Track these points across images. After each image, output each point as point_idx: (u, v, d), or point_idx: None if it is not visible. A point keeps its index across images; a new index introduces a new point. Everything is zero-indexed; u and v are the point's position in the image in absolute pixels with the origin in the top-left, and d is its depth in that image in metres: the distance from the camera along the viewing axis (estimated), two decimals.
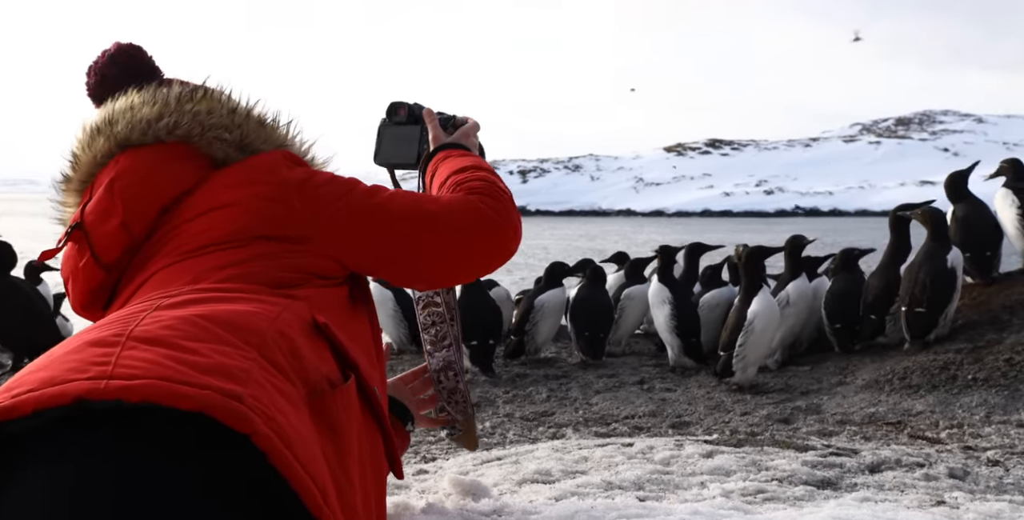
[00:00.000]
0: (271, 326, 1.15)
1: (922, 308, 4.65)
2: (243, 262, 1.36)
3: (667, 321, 5.17)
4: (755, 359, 4.62)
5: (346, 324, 1.40)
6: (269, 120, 1.61)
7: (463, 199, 1.54)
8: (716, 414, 4.26)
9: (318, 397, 1.13)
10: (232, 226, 1.41)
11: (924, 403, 4.08)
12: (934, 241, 4.73)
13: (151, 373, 0.94)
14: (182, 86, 1.58)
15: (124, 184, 1.47)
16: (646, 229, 53.94)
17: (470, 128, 1.86)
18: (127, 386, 0.91)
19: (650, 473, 2.96)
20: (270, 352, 1.10)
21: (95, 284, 1.48)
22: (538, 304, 5.42)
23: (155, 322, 1.08)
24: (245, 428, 0.93)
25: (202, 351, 1.02)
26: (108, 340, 1.02)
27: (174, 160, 1.50)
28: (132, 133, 1.50)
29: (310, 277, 1.40)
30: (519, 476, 3.00)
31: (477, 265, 1.57)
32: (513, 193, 1.61)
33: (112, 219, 1.46)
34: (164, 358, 0.98)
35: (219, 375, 0.98)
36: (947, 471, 2.98)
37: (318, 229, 1.44)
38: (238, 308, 1.18)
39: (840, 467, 3.01)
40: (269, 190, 1.45)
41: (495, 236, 1.54)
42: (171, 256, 1.40)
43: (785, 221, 74.51)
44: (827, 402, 4.31)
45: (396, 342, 5.71)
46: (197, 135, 1.52)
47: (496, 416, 4.42)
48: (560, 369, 5.33)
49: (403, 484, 3.17)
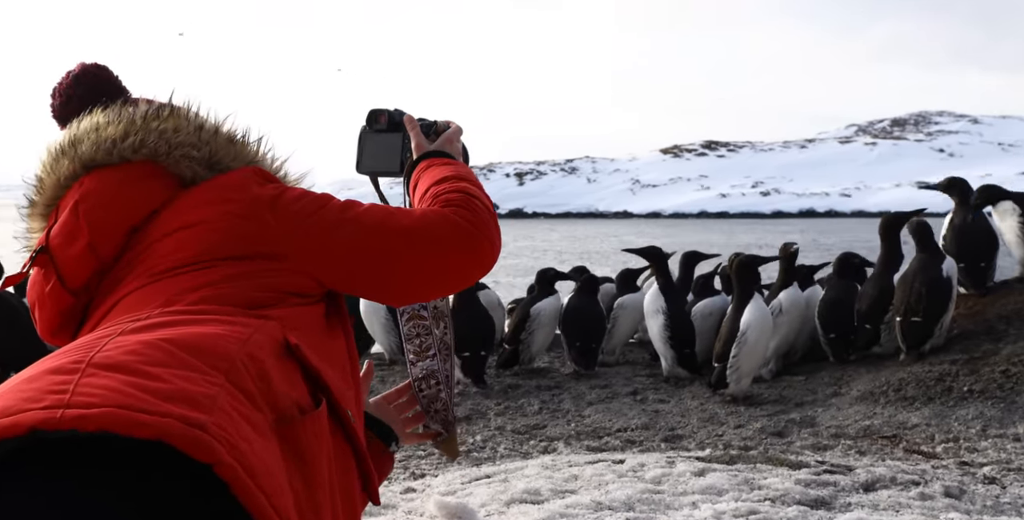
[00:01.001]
0: (241, 349, 1.11)
1: (918, 318, 4.60)
2: (215, 283, 1.32)
3: (661, 331, 5.12)
4: (749, 370, 4.58)
5: (321, 344, 1.35)
6: (239, 137, 1.56)
7: (437, 212, 1.50)
8: (709, 427, 4.21)
9: (287, 424, 1.09)
10: (201, 246, 1.37)
11: (920, 416, 4.03)
12: (925, 251, 4.68)
13: (109, 401, 0.90)
14: (148, 104, 1.53)
15: (89, 206, 1.42)
16: (644, 231, 53.99)
17: (453, 133, 1.81)
18: (83, 415, 0.88)
19: (641, 492, 2.91)
20: (238, 377, 1.06)
21: (63, 309, 1.43)
22: (534, 313, 5.37)
23: (117, 348, 1.04)
24: (207, 457, 0.90)
25: (165, 377, 0.98)
26: (67, 368, 0.98)
27: (141, 180, 1.45)
28: (97, 153, 1.45)
29: (285, 296, 1.35)
30: (507, 496, 2.95)
31: (452, 279, 1.53)
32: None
33: (78, 242, 1.41)
34: (124, 385, 0.94)
35: (182, 402, 0.94)
36: (943, 490, 2.93)
37: (292, 246, 1.39)
38: (206, 331, 1.14)
39: (834, 486, 2.97)
40: (240, 208, 1.41)
41: (471, 249, 1.50)
42: (141, 278, 1.36)
43: (782, 222, 74.62)
44: (822, 414, 4.26)
45: (387, 351, 5.66)
46: (164, 153, 1.46)
47: (487, 429, 4.37)
48: (553, 380, 5.28)
49: (390, 504, 3.12)
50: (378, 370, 5.49)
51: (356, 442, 1.29)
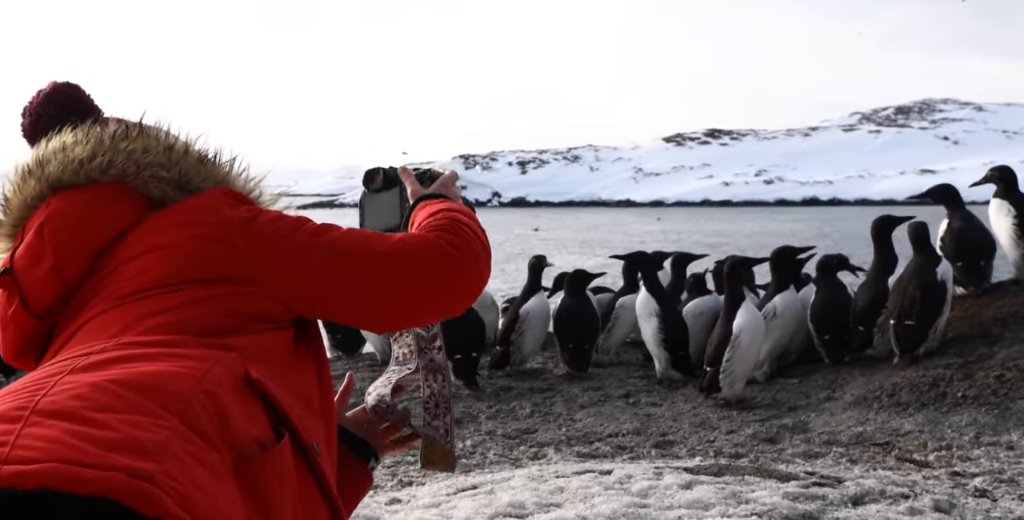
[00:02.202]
0: (196, 387, 1.08)
1: (912, 321, 4.56)
2: (177, 308, 1.28)
3: (655, 334, 5.08)
4: (742, 374, 4.54)
5: (287, 374, 1.31)
6: (209, 156, 1.52)
7: (419, 236, 1.46)
8: (701, 432, 4.17)
9: (246, 462, 1.06)
10: (168, 269, 1.33)
11: (913, 422, 3.99)
12: (921, 254, 4.64)
13: (50, 455, 0.88)
14: (118, 124, 1.49)
15: (55, 227, 1.39)
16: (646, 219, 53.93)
17: (448, 178, 1.78)
18: (21, 472, 0.85)
19: (626, 506, 2.87)
20: (193, 417, 1.03)
21: (27, 332, 1.40)
22: (523, 314, 5.33)
23: (63, 391, 1.01)
24: (154, 511, 0.87)
25: (112, 424, 0.95)
26: (10, 415, 0.96)
27: (109, 201, 1.42)
28: (64, 174, 1.42)
29: (248, 321, 1.31)
30: (492, 509, 2.92)
31: (434, 305, 1.47)
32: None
33: (43, 264, 1.38)
34: (67, 435, 0.92)
35: (128, 452, 0.92)
36: (932, 504, 2.89)
37: (263, 270, 1.35)
38: (160, 368, 1.10)
39: (822, 499, 2.93)
40: (210, 231, 1.37)
41: (453, 274, 1.45)
42: (106, 302, 1.33)
43: (785, 210, 74.54)
44: (815, 420, 4.23)
45: (380, 353, 5.63)
46: (132, 174, 1.43)
47: (478, 433, 4.33)
48: (545, 381, 5.24)
49: (374, 516, 3.09)
50: (370, 370, 5.46)
51: (321, 477, 1.25)
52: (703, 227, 41.96)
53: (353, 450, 1.73)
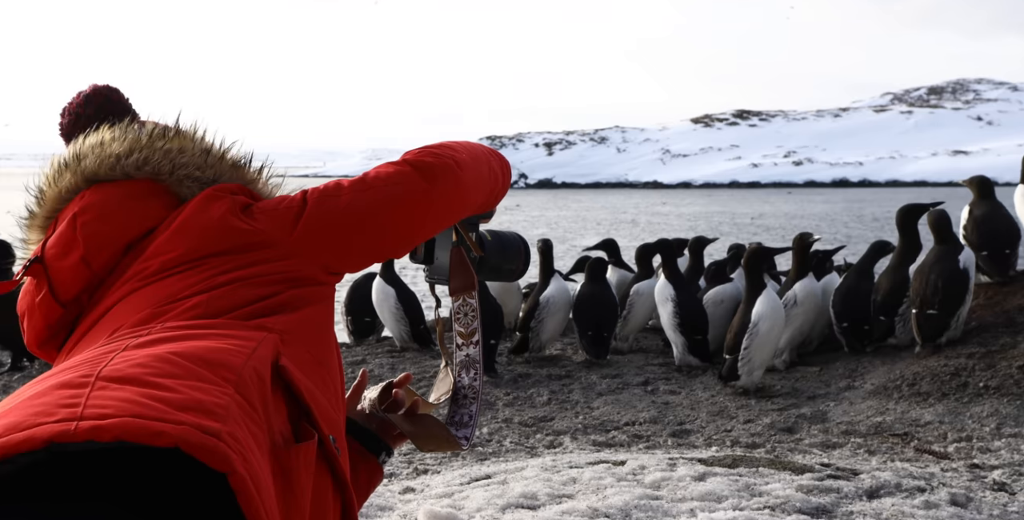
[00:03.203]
0: (247, 362, 1.12)
1: (933, 310, 4.50)
2: (206, 286, 1.31)
3: (671, 319, 5.06)
4: (761, 362, 4.51)
5: (321, 359, 1.34)
6: (242, 162, 1.58)
7: (388, 170, 1.48)
8: (718, 421, 4.15)
9: (281, 449, 1.09)
10: (189, 243, 1.37)
11: (933, 412, 3.95)
12: (943, 243, 4.57)
13: (124, 411, 0.90)
14: (155, 125, 1.54)
15: (87, 219, 1.43)
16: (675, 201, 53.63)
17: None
18: (99, 426, 0.88)
19: (639, 498, 2.86)
20: (246, 390, 1.07)
21: (52, 321, 1.43)
22: (543, 301, 5.33)
23: (125, 361, 1.05)
24: (222, 466, 0.89)
25: (177, 388, 0.98)
26: (76, 382, 0.99)
27: (141, 197, 1.46)
28: (100, 168, 1.47)
29: (285, 286, 1.35)
30: (504, 500, 2.92)
31: (423, 219, 1.48)
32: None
33: (72, 254, 1.41)
34: (137, 396, 0.94)
35: (196, 411, 0.95)
36: (949, 497, 2.85)
37: (280, 231, 1.39)
38: (213, 344, 1.14)
39: (837, 492, 2.90)
40: (224, 205, 1.42)
41: (427, 187, 1.46)
42: (131, 283, 1.36)
43: (814, 192, 73.82)
44: (833, 409, 4.19)
45: (398, 339, 5.65)
46: (167, 173, 1.48)
47: (495, 421, 4.34)
48: (564, 368, 5.24)
49: (387, 505, 3.10)
50: (388, 357, 5.49)
51: (337, 469, 1.26)
52: (732, 209, 41.68)
53: (364, 444, 1.74)
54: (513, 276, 1.83)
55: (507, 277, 1.83)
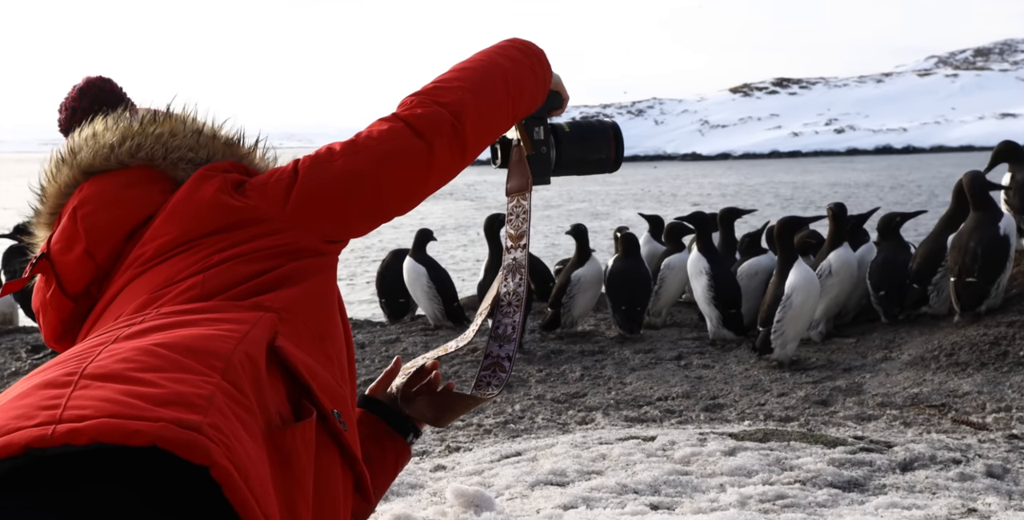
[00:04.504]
0: (237, 347, 1.12)
1: (973, 278, 4.41)
2: (202, 267, 1.31)
3: (705, 292, 5.01)
4: (794, 334, 4.45)
5: (323, 334, 1.34)
6: (235, 138, 1.56)
7: (382, 129, 1.44)
8: (752, 395, 4.11)
9: (275, 430, 1.09)
10: (183, 224, 1.37)
11: (971, 383, 3.88)
12: (981, 209, 4.45)
13: (101, 411, 0.91)
14: (147, 112, 1.54)
15: (87, 211, 1.44)
16: (716, 172, 53.11)
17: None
18: (74, 429, 0.89)
19: (668, 474, 2.85)
20: (235, 376, 1.07)
21: (65, 316, 1.45)
22: (574, 278, 5.30)
23: (110, 356, 1.05)
24: (202, 459, 0.90)
25: (159, 382, 0.99)
26: (59, 381, 1.00)
27: (138, 184, 1.46)
28: (95, 159, 1.47)
29: (284, 258, 1.35)
30: (533, 477, 2.92)
31: (423, 178, 1.46)
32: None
33: (76, 247, 1.42)
34: (117, 393, 0.95)
35: (176, 405, 0.95)
36: (985, 469, 2.80)
37: (273, 205, 1.38)
38: (201, 332, 1.14)
39: (869, 465, 2.86)
40: (217, 183, 1.42)
41: (422, 153, 1.43)
42: (131, 270, 1.37)
43: (856, 159, 72.67)
44: (869, 381, 4.13)
45: (431, 318, 5.66)
46: (160, 157, 1.47)
47: (527, 398, 4.34)
48: (597, 344, 5.22)
49: (417, 483, 3.12)
50: (422, 335, 5.50)
51: (344, 444, 1.26)
52: (773, 179, 41.18)
53: (392, 425, 1.74)
54: (605, 166, 1.74)
55: (597, 168, 1.74)
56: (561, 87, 1.69)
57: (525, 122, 1.66)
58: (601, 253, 5.91)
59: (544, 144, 1.66)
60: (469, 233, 18.09)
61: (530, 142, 1.66)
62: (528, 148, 1.65)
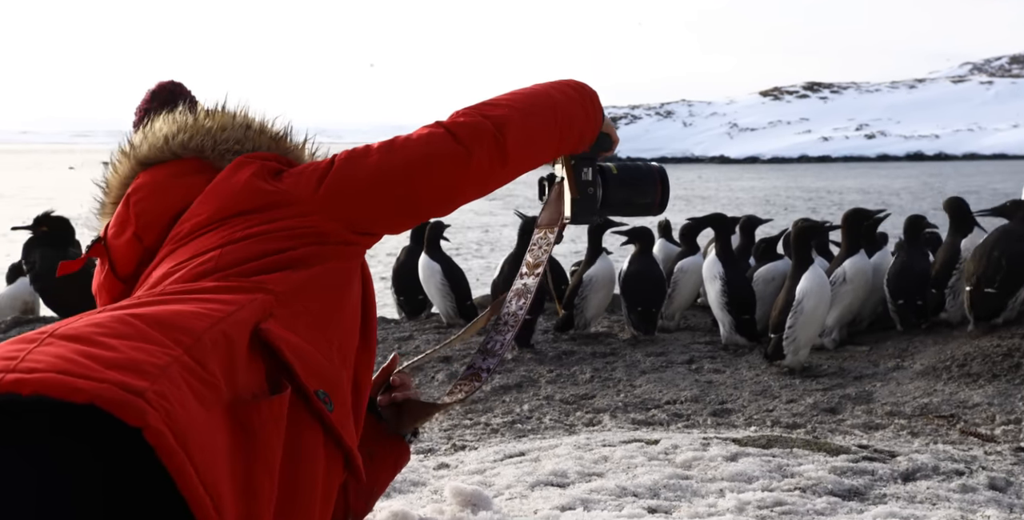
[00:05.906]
0: (214, 326, 1.16)
1: (991, 289, 4.37)
2: (224, 243, 1.39)
3: (718, 297, 5.00)
4: (806, 341, 4.43)
5: (324, 320, 1.37)
6: (281, 133, 1.67)
7: (425, 133, 1.52)
8: (761, 401, 4.10)
9: (243, 405, 1.13)
10: (216, 204, 1.46)
11: (982, 394, 3.84)
12: (1016, 221, 4.39)
13: (52, 367, 0.96)
14: (204, 108, 1.67)
15: (139, 197, 1.56)
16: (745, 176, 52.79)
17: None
18: (21, 379, 0.94)
19: (668, 478, 2.85)
20: (200, 353, 1.11)
21: (116, 295, 1.54)
22: (587, 279, 5.30)
23: (86, 321, 1.11)
24: (135, 420, 0.94)
25: (119, 347, 1.04)
26: (30, 337, 1.06)
27: (187, 173, 1.57)
28: (151, 151, 1.59)
29: (304, 241, 1.41)
30: (534, 477, 2.93)
31: (460, 187, 1.52)
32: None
33: (127, 231, 1.54)
34: (73, 353, 1.00)
35: (125, 370, 0.99)
36: (987, 481, 2.79)
37: (304, 193, 1.46)
38: (183, 308, 1.20)
39: (871, 474, 2.85)
40: (253, 168, 1.51)
41: (459, 161, 1.50)
42: (169, 245, 1.47)
43: (886, 166, 72.03)
44: (880, 389, 4.11)
45: (444, 315, 5.69)
46: (209, 148, 1.59)
47: (536, 398, 4.35)
48: (609, 346, 5.22)
49: (420, 481, 3.13)
50: (435, 332, 5.53)
51: (328, 423, 1.29)
52: (801, 184, 40.88)
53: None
54: (650, 210, 1.79)
55: (642, 212, 1.80)
56: (611, 130, 1.76)
57: (575, 162, 1.73)
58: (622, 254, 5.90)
59: (591, 185, 1.73)
60: (491, 233, 18.13)
61: (575, 183, 1.71)
62: (574, 191, 1.71)
